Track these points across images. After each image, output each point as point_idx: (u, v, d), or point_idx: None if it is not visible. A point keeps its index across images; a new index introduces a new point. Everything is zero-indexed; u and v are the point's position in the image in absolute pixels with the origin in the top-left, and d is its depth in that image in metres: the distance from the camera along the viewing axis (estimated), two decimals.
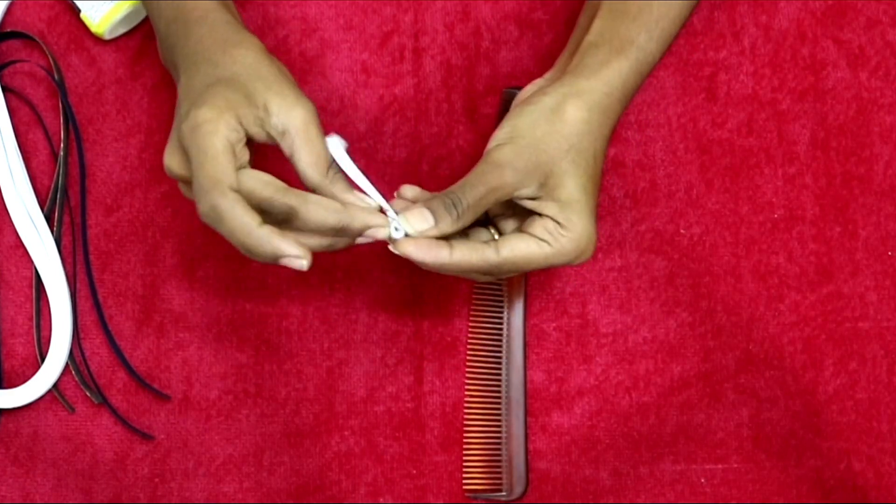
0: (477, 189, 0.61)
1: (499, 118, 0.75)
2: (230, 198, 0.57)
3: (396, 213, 0.61)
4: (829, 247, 0.75)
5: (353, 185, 0.61)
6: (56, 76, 0.75)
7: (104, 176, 0.75)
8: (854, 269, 0.74)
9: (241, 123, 0.59)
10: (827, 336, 0.74)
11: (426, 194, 0.63)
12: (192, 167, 0.58)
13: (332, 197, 0.60)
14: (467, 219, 0.61)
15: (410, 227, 0.61)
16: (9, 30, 0.76)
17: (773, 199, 0.75)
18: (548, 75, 0.67)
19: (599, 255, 0.74)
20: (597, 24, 0.66)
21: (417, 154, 0.75)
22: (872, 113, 0.76)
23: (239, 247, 0.58)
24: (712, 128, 0.76)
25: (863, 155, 0.75)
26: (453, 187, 0.61)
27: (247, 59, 0.61)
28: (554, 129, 0.62)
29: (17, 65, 0.76)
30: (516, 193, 0.62)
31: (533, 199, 0.62)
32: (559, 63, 0.68)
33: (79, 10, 0.75)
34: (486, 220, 0.65)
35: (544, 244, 0.62)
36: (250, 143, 0.60)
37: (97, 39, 0.76)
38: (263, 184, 0.59)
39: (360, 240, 0.62)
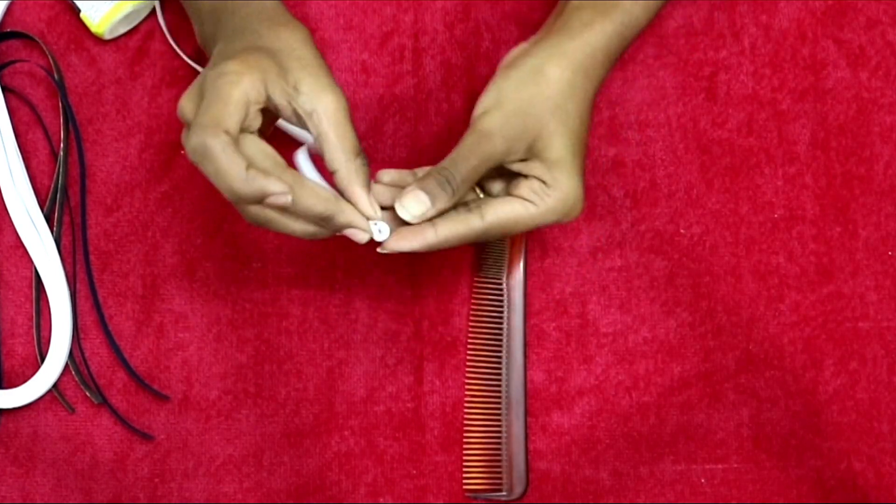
0: (469, 161, 0.61)
1: None
2: (222, 139, 0.57)
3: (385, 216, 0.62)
4: (829, 247, 0.75)
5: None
6: (56, 76, 0.75)
7: (104, 176, 0.75)
8: (854, 269, 0.74)
9: (265, 87, 0.59)
10: (827, 336, 0.74)
11: (405, 174, 0.64)
12: (200, 106, 0.58)
13: (348, 187, 0.60)
14: (462, 192, 0.62)
15: (408, 213, 0.61)
16: (9, 30, 0.76)
17: (773, 199, 0.75)
18: (532, 38, 0.67)
19: (599, 255, 0.74)
20: None
21: (417, 154, 0.75)
22: (872, 113, 0.76)
23: (224, 189, 0.58)
24: (712, 128, 0.76)
25: (863, 155, 0.75)
26: (444, 162, 0.62)
27: (290, 39, 0.61)
28: (539, 91, 0.63)
29: (17, 65, 0.76)
30: (506, 160, 0.62)
31: (521, 160, 0.63)
32: (544, 27, 0.68)
33: (79, 10, 0.75)
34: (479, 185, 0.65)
35: (529, 204, 0.62)
36: (267, 114, 0.60)
37: (97, 39, 0.76)
38: (264, 155, 0.59)
39: (346, 231, 0.62)
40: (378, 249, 0.61)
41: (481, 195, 0.65)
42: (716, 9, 0.76)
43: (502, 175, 0.64)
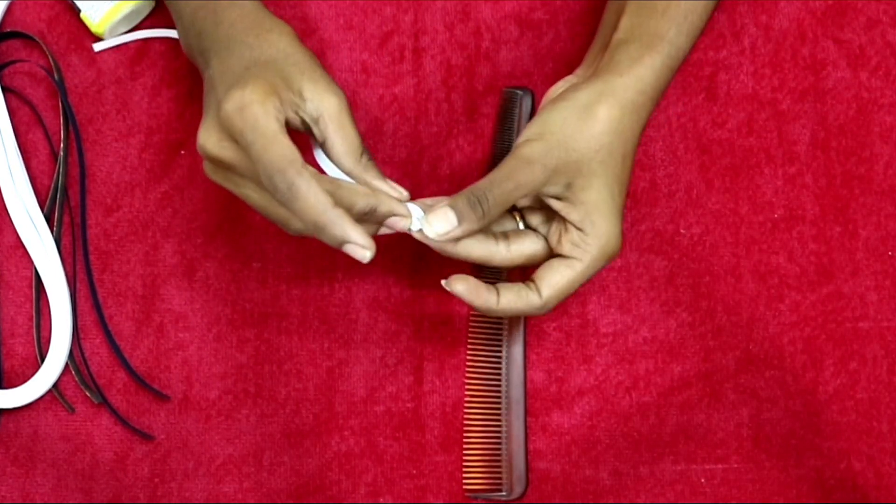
0: (504, 185, 0.61)
1: (498, 118, 0.75)
2: (306, 176, 0.58)
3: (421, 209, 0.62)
4: (829, 247, 0.75)
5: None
6: (56, 76, 0.75)
7: (104, 176, 0.75)
8: (854, 269, 0.74)
9: (282, 104, 0.59)
10: (827, 336, 0.74)
11: (481, 286, 0.64)
12: (249, 149, 0.58)
13: (364, 184, 0.61)
14: (493, 215, 0.62)
15: (431, 230, 0.61)
16: (9, 30, 0.76)
17: (773, 199, 0.75)
18: (578, 72, 0.67)
19: None
20: (625, 21, 0.66)
21: (417, 154, 0.75)
22: (872, 113, 0.76)
23: (309, 224, 0.59)
24: (712, 128, 0.76)
25: (863, 155, 0.75)
26: (480, 183, 0.62)
27: (280, 43, 0.62)
28: (585, 128, 0.62)
29: (17, 65, 0.76)
30: (543, 190, 0.62)
31: (559, 198, 0.62)
32: (587, 61, 0.68)
33: (79, 10, 0.75)
34: (513, 207, 0.65)
35: (575, 262, 0.62)
36: None
37: (97, 39, 0.76)
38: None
39: (382, 230, 0.62)
40: (415, 234, 0.62)
41: (521, 226, 0.65)
42: (715, 9, 0.76)
43: (543, 207, 0.64)
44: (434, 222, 0.61)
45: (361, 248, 0.59)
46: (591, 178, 0.62)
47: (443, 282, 0.63)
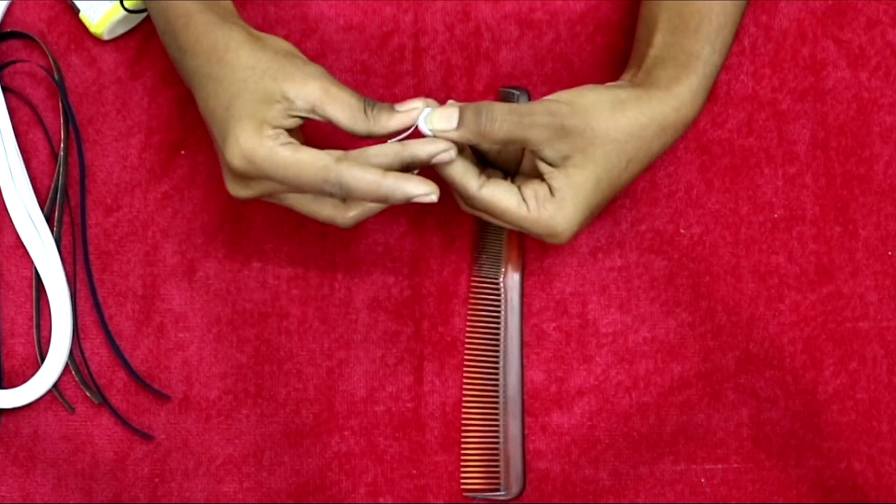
0: (514, 118, 0.62)
1: None
2: (345, 166, 0.59)
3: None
4: (829, 247, 0.75)
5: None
6: (56, 76, 0.75)
7: (104, 176, 0.75)
8: (854, 269, 0.74)
9: (277, 124, 0.61)
10: (827, 336, 0.74)
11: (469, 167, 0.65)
12: (284, 181, 0.60)
13: (385, 128, 0.62)
14: (491, 137, 0.62)
15: (428, 126, 0.62)
16: (9, 30, 0.76)
17: (773, 199, 0.75)
18: (623, 79, 0.68)
19: (599, 255, 0.74)
20: (659, 38, 0.66)
21: None
22: (872, 113, 0.76)
23: (375, 201, 0.61)
24: (712, 127, 0.76)
25: (863, 155, 0.75)
26: (496, 104, 0.62)
27: (241, 59, 0.62)
28: (610, 119, 0.63)
29: (17, 65, 0.76)
30: (541, 150, 0.62)
31: (550, 164, 0.63)
32: (628, 74, 0.68)
33: (78, 11, 0.75)
34: (515, 172, 0.66)
35: (523, 205, 0.63)
36: (290, 131, 0.62)
37: (97, 39, 0.76)
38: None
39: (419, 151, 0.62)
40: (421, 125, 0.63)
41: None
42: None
43: (534, 176, 0.65)
44: (435, 119, 0.62)
45: (427, 195, 0.60)
46: (586, 163, 0.62)
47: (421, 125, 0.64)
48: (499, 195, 0.63)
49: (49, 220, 0.74)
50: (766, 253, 0.74)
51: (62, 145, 0.74)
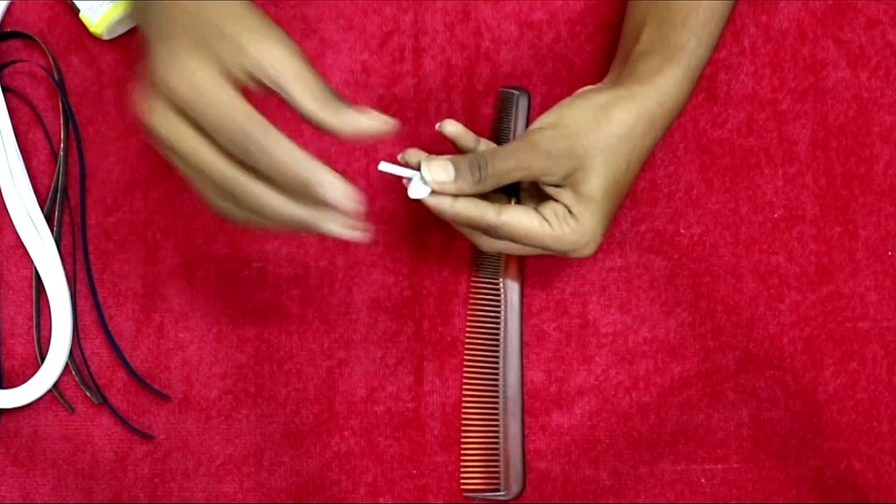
0: (506, 161, 0.62)
1: (495, 117, 0.75)
2: (274, 129, 0.53)
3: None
4: (829, 247, 0.75)
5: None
6: (56, 76, 0.75)
7: (104, 176, 0.75)
8: (854, 269, 0.74)
9: (224, 66, 0.54)
10: (827, 336, 0.74)
11: (469, 133, 0.65)
12: (210, 119, 0.53)
13: (346, 124, 0.55)
14: (488, 185, 0.62)
15: (430, 175, 0.61)
16: (9, 30, 0.76)
17: (773, 199, 0.75)
18: (602, 83, 0.68)
19: (599, 255, 0.74)
20: (646, 34, 0.67)
21: None
22: (872, 113, 0.76)
23: (283, 173, 0.53)
24: (712, 127, 0.76)
25: (863, 155, 0.75)
26: (485, 151, 0.63)
27: (227, 5, 0.56)
28: (597, 127, 0.63)
29: (17, 65, 0.76)
30: (542, 178, 0.63)
31: (556, 186, 0.63)
32: (611, 73, 0.68)
33: (78, 11, 0.75)
34: (513, 189, 0.66)
35: (546, 224, 0.63)
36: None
37: (97, 39, 0.76)
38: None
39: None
40: (409, 193, 0.62)
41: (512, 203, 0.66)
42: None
43: (540, 195, 0.65)
44: (434, 169, 0.62)
45: (332, 183, 0.53)
46: (590, 174, 0.63)
47: (437, 125, 0.65)
48: (520, 217, 0.63)
49: (49, 220, 0.74)
50: (766, 253, 0.74)
51: (62, 145, 0.75)
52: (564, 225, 0.63)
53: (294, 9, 0.76)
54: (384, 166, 0.63)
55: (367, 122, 0.56)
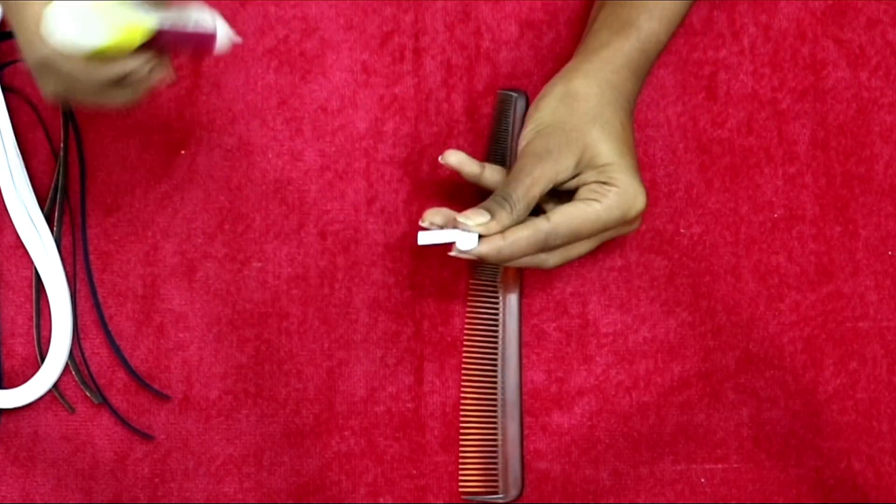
0: (521, 182, 0.64)
1: (493, 119, 0.75)
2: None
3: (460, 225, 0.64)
4: (829, 246, 0.75)
5: None
6: None
7: (104, 176, 0.75)
8: (854, 269, 0.74)
9: None
10: (827, 336, 0.74)
11: (472, 160, 0.67)
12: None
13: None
14: (520, 210, 0.63)
15: (470, 222, 0.63)
16: (9, 30, 0.76)
17: (773, 199, 0.75)
18: (567, 65, 0.69)
19: (599, 255, 0.74)
20: (602, 12, 0.69)
21: (417, 154, 0.75)
22: (872, 113, 0.76)
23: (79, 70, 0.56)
24: (712, 127, 0.76)
25: (863, 155, 0.75)
26: (500, 182, 0.65)
27: None
28: (572, 108, 0.65)
29: (18, 65, 0.76)
30: (559, 179, 0.64)
31: (574, 177, 0.65)
32: (573, 57, 0.70)
33: None
34: (539, 211, 0.67)
35: (592, 203, 0.64)
36: None
37: None
38: None
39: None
40: (452, 252, 0.64)
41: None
42: (715, 8, 0.76)
43: (562, 200, 0.66)
44: (471, 216, 0.63)
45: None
46: (596, 147, 0.64)
47: (440, 158, 0.67)
48: (568, 210, 0.64)
49: (49, 220, 0.74)
50: (766, 253, 0.74)
51: (62, 145, 0.74)
52: (608, 193, 0.64)
53: (294, 9, 0.76)
54: (424, 239, 0.64)
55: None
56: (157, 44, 0.57)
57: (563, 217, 0.64)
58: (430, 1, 0.76)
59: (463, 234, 0.63)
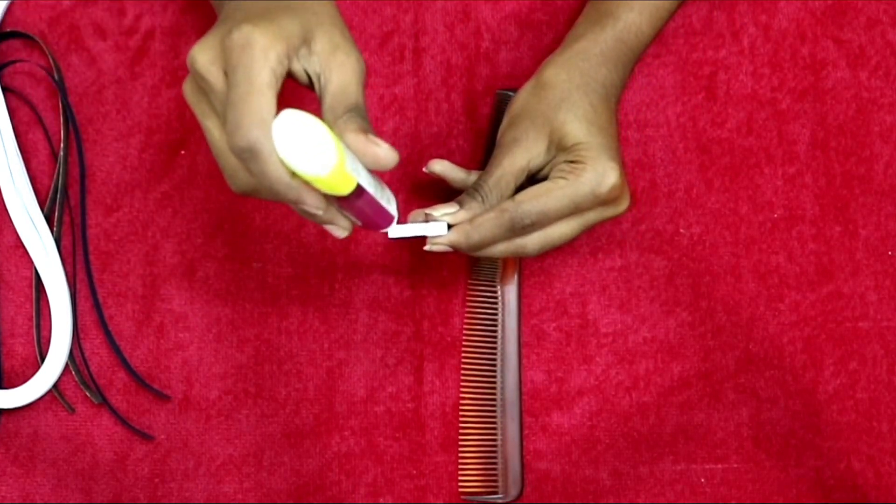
0: (492, 172, 0.65)
1: (491, 119, 0.75)
2: (271, 140, 0.53)
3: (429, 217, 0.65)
4: (829, 247, 0.75)
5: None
6: (56, 76, 0.75)
7: (104, 176, 0.75)
8: (854, 269, 0.74)
9: (287, 58, 0.55)
10: (827, 336, 0.74)
11: (456, 168, 0.68)
12: (231, 90, 0.54)
13: (354, 148, 0.55)
14: (493, 200, 0.65)
15: (438, 213, 0.64)
16: (9, 30, 0.76)
17: (773, 199, 0.75)
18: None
19: (599, 255, 0.74)
20: (584, 9, 0.71)
21: (417, 154, 0.75)
22: (872, 113, 0.76)
23: (265, 188, 0.55)
24: (712, 127, 0.76)
25: (863, 155, 0.75)
26: (483, 182, 0.66)
27: (325, 6, 0.58)
28: (540, 97, 0.67)
29: (17, 65, 0.76)
30: (532, 166, 0.66)
31: (548, 163, 0.66)
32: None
33: None
34: None
35: (558, 179, 0.64)
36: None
37: (97, 39, 0.76)
38: None
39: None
40: (426, 247, 0.64)
41: None
42: (715, 8, 0.76)
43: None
44: (439, 207, 0.64)
45: (315, 208, 0.55)
46: (563, 129, 0.65)
47: (424, 168, 0.68)
48: (534, 191, 0.64)
49: (49, 220, 0.74)
50: (766, 253, 0.74)
51: (62, 145, 0.75)
52: (574, 170, 0.64)
53: None
54: (395, 232, 0.62)
55: (382, 153, 0.56)
56: (348, 200, 0.56)
57: (527, 195, 0.64)
58: (430, 1, 0.76)
59: (433, 225, 0.64)
